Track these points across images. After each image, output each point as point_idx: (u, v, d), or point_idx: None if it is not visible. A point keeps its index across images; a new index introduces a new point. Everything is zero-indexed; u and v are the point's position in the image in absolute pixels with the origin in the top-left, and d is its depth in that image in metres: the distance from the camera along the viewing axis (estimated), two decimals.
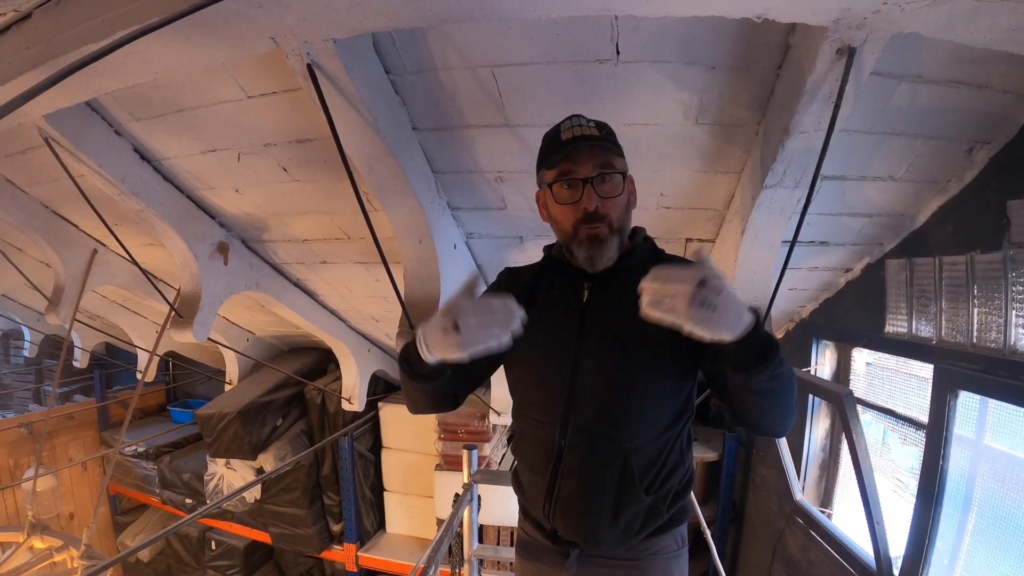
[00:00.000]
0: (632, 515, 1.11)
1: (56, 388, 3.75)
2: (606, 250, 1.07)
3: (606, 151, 1.06)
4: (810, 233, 2.24)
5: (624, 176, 1.08)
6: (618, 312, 1.10)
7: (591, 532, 1.13)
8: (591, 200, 1.04)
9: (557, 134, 1.08)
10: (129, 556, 2.39)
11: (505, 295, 0.96)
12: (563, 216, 1.09)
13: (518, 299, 1.15)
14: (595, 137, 1.05)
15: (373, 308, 3.59)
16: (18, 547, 3.08)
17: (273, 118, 1.90)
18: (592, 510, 1.11)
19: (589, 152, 1.04)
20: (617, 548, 1.15)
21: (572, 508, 1.13)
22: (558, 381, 1.12)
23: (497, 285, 1.27)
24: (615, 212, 1.07)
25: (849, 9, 1.11)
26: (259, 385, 4.46)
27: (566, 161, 1.05)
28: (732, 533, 3.72)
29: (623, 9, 1.22)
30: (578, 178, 1.04)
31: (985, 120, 1.67)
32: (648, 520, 1.12)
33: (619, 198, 1.07)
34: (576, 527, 1.14)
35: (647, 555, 1.17)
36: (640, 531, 1.13)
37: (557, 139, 1.07)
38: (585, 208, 1.04)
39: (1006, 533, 1.78)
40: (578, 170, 1.04)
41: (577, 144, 1.04)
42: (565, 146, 1.05)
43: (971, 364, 1.78)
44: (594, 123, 1.08)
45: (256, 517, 4.74)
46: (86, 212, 2.39)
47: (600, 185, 1.05)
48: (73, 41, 1.34)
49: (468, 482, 2.49)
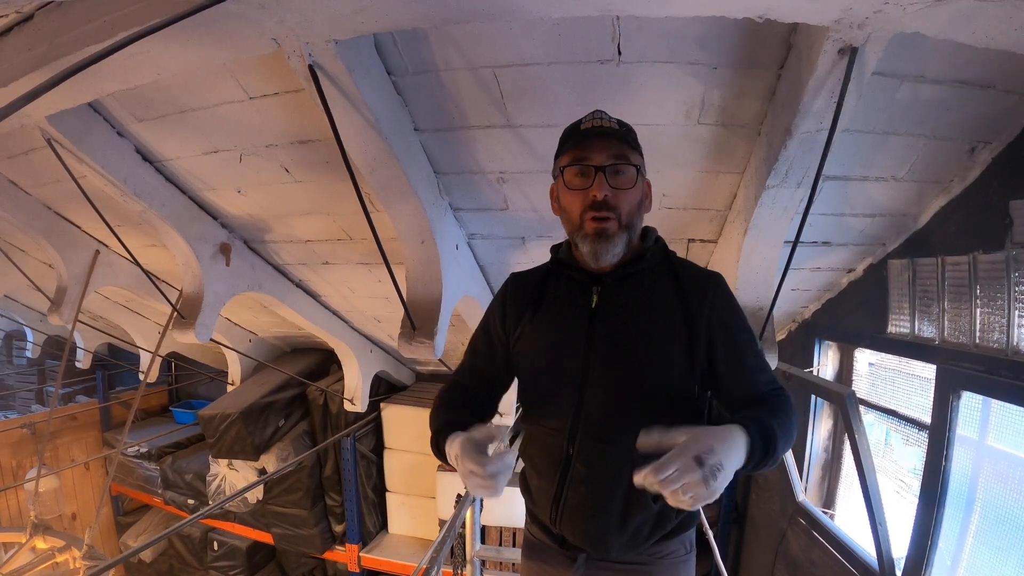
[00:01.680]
0: (640, 522, 1.10)
1: (59, 389, 3.76)
2: (611, 245, 1.04)
3: (623, 143, 1.04)
4: (812, 233, 2.24)
5: (639, 171, 1.06)
6: (628, 317, 1.08)
7: (599, 539, 1.11)
8: (601, 188, 1.02)
9: (577, 125, 1.07)
10: (131, 556, 2.39)
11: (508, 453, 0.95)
12: (571, 204, 1.07)
13: (525, 305, 1.17)
14: (613, 130, 1.04)
15: (375, 309, 3.59)
16: (21, 547, 3.08)
17: (275, 119, 1.91)
18: (600, 518, 1.10)
19: (605, 142, 1.03)
20: (625, 554, 1.13)
21: (580, 516, 1.11)
22: (567, 388, 1.10)
23: (503, 294, 1.24)
24: (626, 206, 1.04)
25: (851, 9, 1.11)
26: (261, 386, 4.47)
27: (580, 148, 1.04)
28: (734, 534, 3.71)
29: (625, 9, 1.22)
30: (591, 165, 1.03)
31: (987, 120, 1.66)
32: (656, 527, 1.11)
33: (631, 192, 1.05)
34: (584, 534, 1.12)
35: (655, 559, 1.16)
36: (648, 538, 1.12)
37: (576, 129, 1.07)
38: (594, 196, 1.02)
39: (1009, 534, 1.77)
40: (592, 157, 1.03)
41: (594, 133, 1.04)
42: (582, 135, 1.05)
43: (974, 364, 1.77)
44: (616, 120, 1.07)
45: (258, 518, 4.74)
46: (88, 213, 2.40)
47: (612, 176, 1.03)
48: (75, 42, 1.34)
49: None
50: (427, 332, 2.21)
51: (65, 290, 3.26)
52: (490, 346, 1.23)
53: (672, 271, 1.12)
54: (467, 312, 2.94)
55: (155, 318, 4.82)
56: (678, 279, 1.11)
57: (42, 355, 6.43)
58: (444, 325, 2.26)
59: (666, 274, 1.12)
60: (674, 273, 1.12)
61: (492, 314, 1.24)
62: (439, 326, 2.22)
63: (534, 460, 1.20)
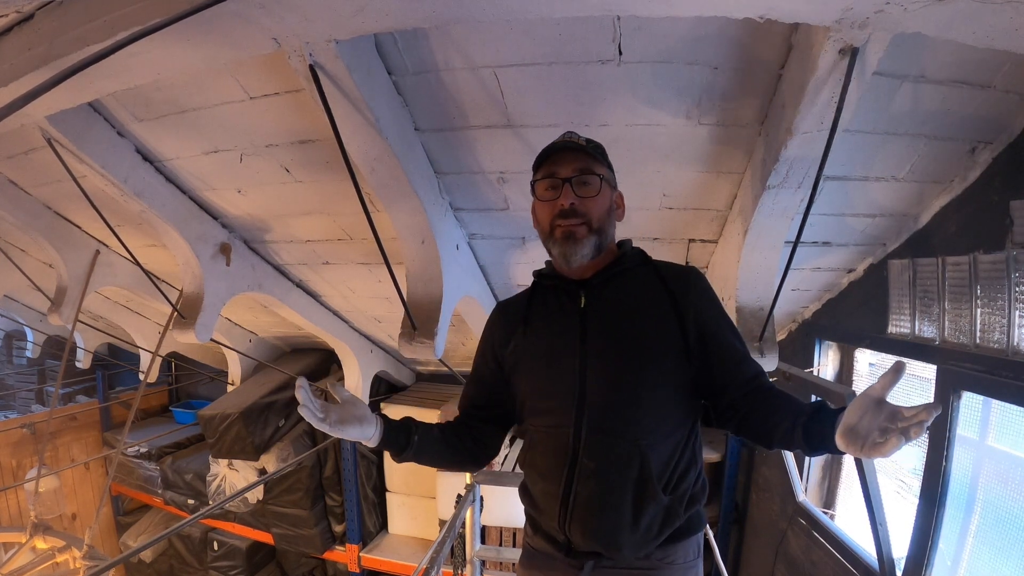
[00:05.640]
0: (651, 516, 1.10)
1: (59, 389, 3.75)
2: (580, 247, 1.12)
3: (589, 157, 1.15)
4: (813, 233, 2.24)
5: (603, 180, 1.15)
6: (618, 312, 1.15)
7: (611, 536, 1.10)
8: (568, 196, 1.12)
9: (551, 146, 1.17)
10: (131, 557, 2.39)
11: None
12: (543, 214, 1.17)
13: (514, 327, 1.24)
14: (580, 146, 1.14)
15: (375, 309, 3.59)
16: (21, 547, 3.08)
17: (275, 119, 1.91)
18: (612, 512, 1.10)
19: (572, 156, 1.14)
20: (636, 553, 1.12)
21: (591, 512, 1.11)
22: (568, 385, 1.13)
23: (491, 321, 1.32)
24: (594, 212, 1.13)
25: (851, 9, 1.11)
26: (262, 386, 4.47)
27: (550, 164, 1.15)
28: (735, 534, 3.72)
29: (626, 9, 1.22)
30: (558, 177, 1.14)
31: (988, 120, 1.66)
32: (666, 522, 1.11)
33: (597, 199, 1.14)
34: (595, 532, 1.11)
35: (664, 563, 1.16)
36: (659, 535, 1.12)
37: (549, 150, 1.17)
38: (561, 204, 1.12)
39: (1009, 534, 1.77)
40: (559, 171, 1.14)
41: (563, 149, 1.14)
42: (553, 151, 1.15)
43: (974, 365, 1.77)
44: (586, 139, 1.17)
45: (258, 518, 4.74)
46: (88, 213, 2.40)
47: (579, 186, 1.13)
48: (75, 42, 1.34)
49: (471, 483, 2.49)
50: (427, 332, 2.21)
51: (65, 290, 3.26)
52: (485, 370, 1.29)
53: (653, 271, 1.21)
54: (467, 312, 2.94)
55: (155, 318, 4.82)
56: (660, 275, 1.19)
57: (42, 355, 6.42)
58: (444, 325, 2.26)
59: (647, 273, 1.21)
60: (655, 271, 1.21)
61: (482, 343, 1.31)
62: (439, 326, 2.22)
63: (537, 464, 1.20)
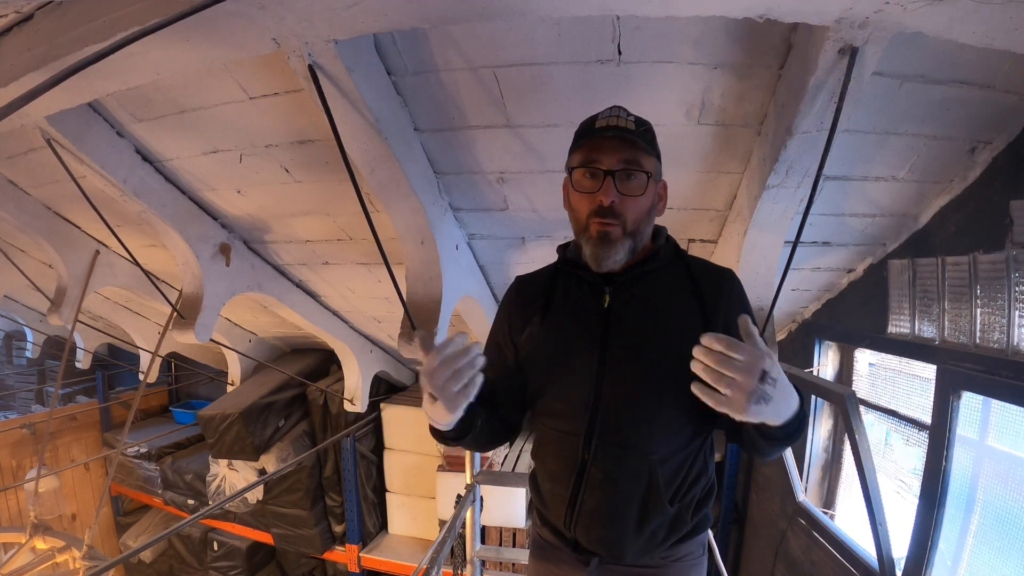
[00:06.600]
0: (657, 525, 1.08)
1: (58, 389, 3.75)
2: (613, 252, 1.01)
3: (636, 147, 0.99)
4: (812, 233, 2.24)
5: (650, 177, 1.02)
6: (643, 318, 1.05)
7: (615, 544, 1.09)
8: (608, 194, 0.98)
9: (593, 121, 1.02)
10: (131, 557, 2.39)
11: (458, 336, 0.91)
12: (579, 205, 1.04)
13: (531, 313, 1.13)
14: (628, 130, 0.98)
15: (375, 309, 3.59)
16: (20, 548, 3.08)
17: (275, 119, 1.91)
18: (617, 522, 1.08)
19: (618, 144, 0.99)
20: (640, 558, 1.12)
21: (595, 521, 1.09)
22: (582, 392, 1.06)
23: (508, 299, 1.21)
24: (633, 213, 1.01)
25: (851, 8, 1.11)
26: (261, 386, 4.47)
27: (592, 149, 1.00)
28: (734, 534, 3.71)
29: (625, 9, 1.22)
30: (600, 168, 0.99)
31: (988, 120, 1.66)
32: (672, 530, 1.10)
33: (640, 199, 1.01)
34: (600, 539, 1.10)
35: (669, 562, 1.14)
36: (664, 541, 1.10)
37: (591, 125, 1.02)
38: (601, 201, 0.99)
39: (1009, 534, 1.77)
40: (602, 160, 0.99)
41: (608, 133, 0.99)
42: (596, 133, 1.00)
43: (974, 365, 1.77)
44: (635, 118, 1.01)
45: (258, 518, 4.74)
46: (88, 213, 2.40)
47: (622, 181, 0.99)
48: (75, 42, 1.34)
49: (470, 483, 2.49)
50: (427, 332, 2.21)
51: (65, 290, 3.26)
52: (499, 354, 1.19)
53: (685, 269, 1.10)
54: (467, 312, 2.94)
55: (155, 318, 4.81)
56: (692, 277, 1.08)
57: (42, 355, 6.43)
58: (444, 325, 2.26)
59: (679, 273, 1.10)
60: (688, 271, 1.10)
61: (499, 322, 1.21)
62: (439, 326, 2.22)
63: (546, 464, 1.18)
